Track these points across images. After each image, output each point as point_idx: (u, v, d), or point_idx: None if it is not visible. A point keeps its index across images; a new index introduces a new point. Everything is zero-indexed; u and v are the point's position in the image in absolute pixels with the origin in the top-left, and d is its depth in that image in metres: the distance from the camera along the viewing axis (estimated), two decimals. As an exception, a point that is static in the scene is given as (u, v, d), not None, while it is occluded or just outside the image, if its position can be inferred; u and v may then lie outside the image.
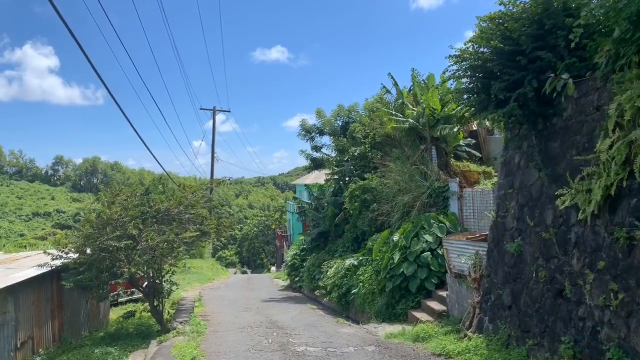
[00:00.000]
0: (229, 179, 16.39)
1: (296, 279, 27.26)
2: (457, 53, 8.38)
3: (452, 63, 8.66)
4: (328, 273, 19.59)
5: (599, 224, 6.39)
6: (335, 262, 19.74)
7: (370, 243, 17.50)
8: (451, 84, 19.34)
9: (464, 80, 8.62)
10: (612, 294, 5.98)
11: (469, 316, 10.86)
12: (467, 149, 18.47)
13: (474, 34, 8.34)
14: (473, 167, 18.53)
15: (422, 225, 15.34)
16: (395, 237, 15.51)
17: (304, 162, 28.14)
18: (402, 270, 14.53)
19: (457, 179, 16.32)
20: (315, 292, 21.10)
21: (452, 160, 18.64)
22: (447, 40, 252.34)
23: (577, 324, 6.64)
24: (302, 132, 26.98)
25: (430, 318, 13.16)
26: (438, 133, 17.36)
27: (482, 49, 8.25)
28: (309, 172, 35.34)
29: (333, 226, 23.57)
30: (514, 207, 8.82)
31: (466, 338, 10.04)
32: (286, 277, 31.21)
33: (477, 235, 13.38)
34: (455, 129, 16.92)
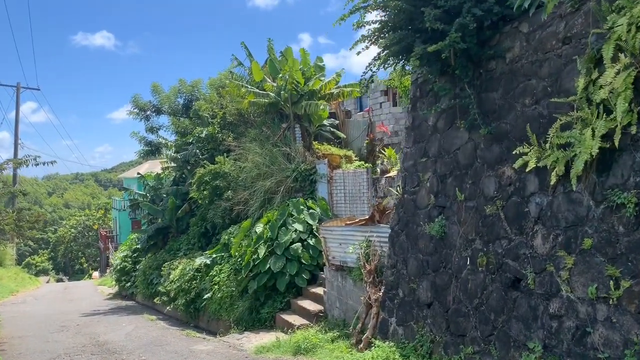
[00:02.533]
0: (35, 158, 12.08)
1: (127, 285, 23.06)
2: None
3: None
4: (171, 276, 16.28)
5: (579, 189, 4.81)
6: (180, 263, 16.50)
7: (226, 237, 14.77)
8: (313, 60, 17.67)
9: (378, 12, 6.54)
10: (611, 282, 4.40)
11: (361, 317, 8.96)
12: (331, 129, 16.80)
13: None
14: (335, 150, 16.93)
15: (290, 212, 13.16)
16: (259, 228, 13.07)
17: (131, 157, 24.11)
18: (268, 266, 12.16)
19: (327, 160, 14.50)
20: (155, 300, 17.56)
21: (314, 143, 16.85)
22: (283, 41, 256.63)
23: (547, 324, 5.00)
24: (135, 110, 22.83)
25: (305, 321, 11.02)
26: (302, 110, 15.34)
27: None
28: (143, 159, 30.81)
29: (175, 220, 20.13)
30: (431, 180, 7.07)
31: (363, 346, 8.09)
32: (114, 283, 26.54)
33: (357, 220, 11.65)
34: (322, 107, 15.06)
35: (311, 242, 12.58)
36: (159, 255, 19.69)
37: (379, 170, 13.16)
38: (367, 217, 11.79)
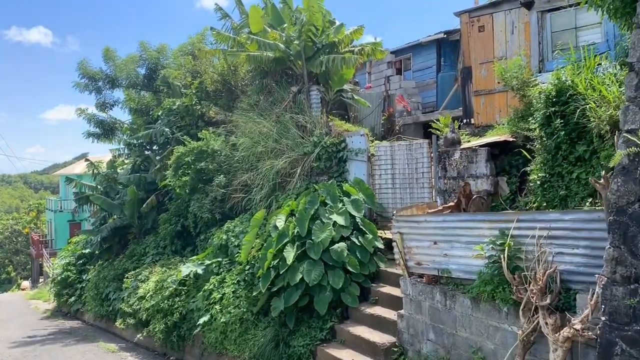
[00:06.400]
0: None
1: (71, 300, 18.29)
2: None
3: None
4: (140, 290, 12.00)
5: None
6: (152, 273, 12.25)
7: (223, 236, 10.66)
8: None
9: None
10: None
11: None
12: (355, 97, 13.02)
13: None
14: (348, 126, 13.23)
15: (324, 200, 9.37)
16: (280, 222, 9.20)
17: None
18: (300, 276, 8.31)
19: (362, 130, 10.82)
20: (116, 322, 13.12)
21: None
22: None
23: None
24: (83, 81, 18.08)
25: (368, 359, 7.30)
26: (321, 67, 11.55)
27: None
28: (92, 142, 25.42)
29: (137, 217, 15.70)
30: None
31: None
32: (52, 297, 21.45)
33: (441, 207, 8.06)
34: (353, 60, 11.29)
35: (357, 241, 8.85)
36: (117, 262, 15.22)
37: (442, 142, 9.60)
38: (452, 204, 8.23)
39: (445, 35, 16.72)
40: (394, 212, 7.59)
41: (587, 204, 6.49)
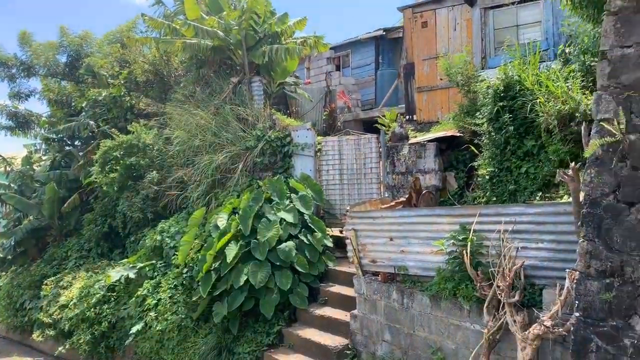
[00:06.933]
0: None
1: (-21, 311, 16.41)
2: None
3: None
4: (62, 298, 10.85)
5: None
6: (76, 278, 11.13)
7: (157, 237, 9.81)
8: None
9: None
10: None
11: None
12: (298, 90, 12.54)
13: None
14: (290, 121, 12.78)
15: (269, 196, 8.85)
16: (221, 220, 8.58)
17: None
18: (245, 278, 7.76)
19: (309, 123, 10.40)
20: (33, 335, 11.79)
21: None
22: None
23: None
24: (-7, 67, 16.32)
25: (320, 365, 6.90)
26: (263, 58, 10.99)
27: None
28: (5, 135, 23.13)
29: (57, 217, 14.30)
30: None
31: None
32: (-43, 307, 19.24)
33: (394, 202, 7.79)
34: (297, 50, 10.84)
35: (306, 239, 8.42)
36: (34, 267, 13.75)
37: (389, 137, 9.40)
38: (403, 199, 8.00)
39: (384, 33, 16.71)
40: (346, 208, 7.20)
41: (537, 198, 6.48)
